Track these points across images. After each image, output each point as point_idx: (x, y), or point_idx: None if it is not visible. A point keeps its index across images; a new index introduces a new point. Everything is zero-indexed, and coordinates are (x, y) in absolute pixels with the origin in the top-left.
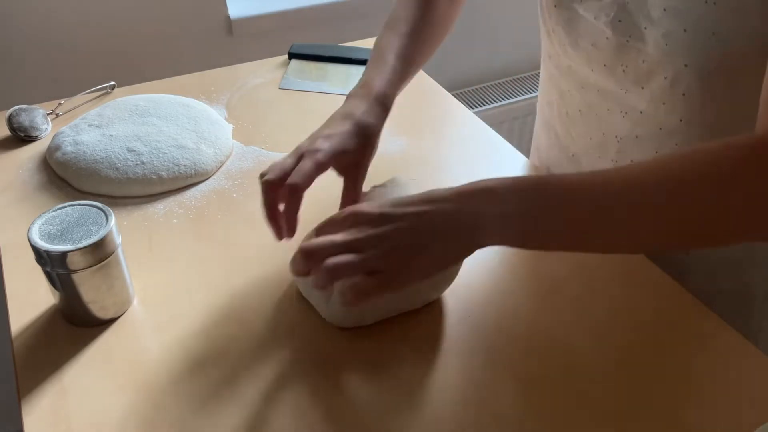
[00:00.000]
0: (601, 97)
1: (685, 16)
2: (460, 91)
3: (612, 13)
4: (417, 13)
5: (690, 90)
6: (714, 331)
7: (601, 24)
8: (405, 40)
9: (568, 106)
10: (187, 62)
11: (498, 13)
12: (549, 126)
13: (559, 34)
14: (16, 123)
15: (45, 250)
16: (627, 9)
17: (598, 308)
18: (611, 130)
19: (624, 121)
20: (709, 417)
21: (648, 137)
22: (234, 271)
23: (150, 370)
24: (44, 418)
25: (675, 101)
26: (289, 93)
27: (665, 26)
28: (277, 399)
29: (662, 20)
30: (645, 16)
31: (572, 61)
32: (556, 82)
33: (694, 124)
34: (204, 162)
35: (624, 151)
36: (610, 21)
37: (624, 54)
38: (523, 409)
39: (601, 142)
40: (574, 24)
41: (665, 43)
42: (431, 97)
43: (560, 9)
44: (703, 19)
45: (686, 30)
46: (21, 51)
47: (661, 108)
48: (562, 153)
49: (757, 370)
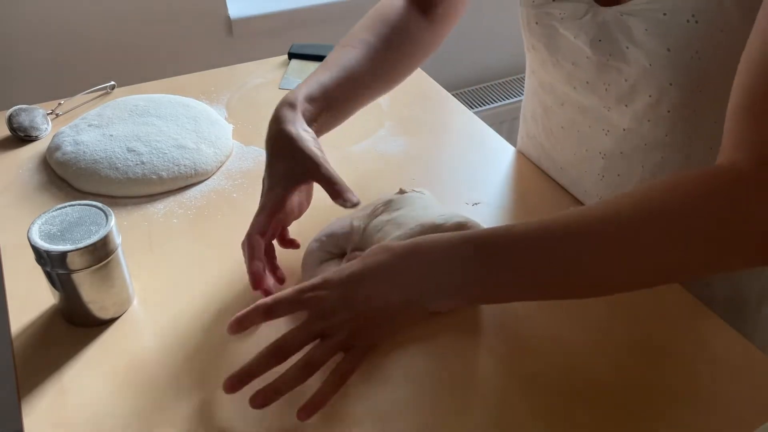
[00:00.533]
0: (582, 114)
1: (667, 36)
2: (460, 91)
3: (592, 32)
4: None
5: (675, 107)
6: (714, 331)
7: (580, 43)
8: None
9: (551, 122)
10: (187, 62)
11: (498, 13)
12: (535, 139)
13: (540, 51)
14: (16, 123)
15: (45, 250)
16: (607, 28)
17: (598, 308)
18: (594, 147)
19: (607, 139)
20: (709, 417)
21: (633, 153)
22: (234, 271)
23: (150, 370)
24: (44, 418)
25: (659, 118)
26: None
27: (647, 46)
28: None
29: (644, 41)
30: (626, 35)
31: (553, 78)
32: (540, 97)
33: (679, 137)
34: (204, 162)
35: (610, 167)
36: (590, 40)
37: (605, 73)
38: (524, 409)
39: (585, 157)
40: (555, 42)
41: (648, 63)
42: (431, 97)
43: (540, 26)
44: (685, 38)
45: (669, 49)
46: (21, 51)
47: (645, 125)
48: (550, 165)
49: (757, 370)
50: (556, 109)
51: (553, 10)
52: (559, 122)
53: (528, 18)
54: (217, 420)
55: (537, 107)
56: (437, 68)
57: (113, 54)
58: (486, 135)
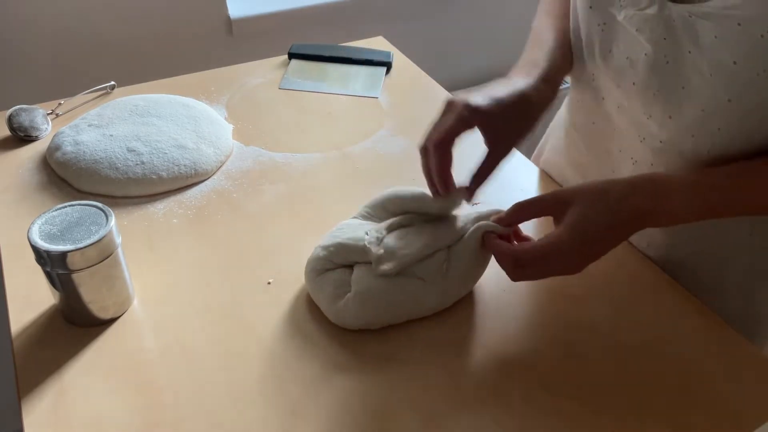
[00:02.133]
0: (620, 113)
1: (737, 49)
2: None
3: (658, 29)
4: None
5: (726, 125)
6: (715, 331)
7: (642, 38)
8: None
9: (586, 114)
10: (187, 62)
11: (498, 13)
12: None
13: (589, 38)
14: (16, 123)
15: (45, 250)
16: (673, 27)
17: (598, 308)
18: (628, 150)
19: (642, 146)
20: (709, 417)
21: (666, 166)
22: (234, 271)
23: (150, 370)
24: (44, 418)
25: (707, 135)
26: (289, 93)
27: (713, 55)
28: (277, 399)
29: (711, 48)
30: (692, 40)
31: (597, 69)
32: (577, 86)
33: (720, 156)
34: (204, 162)
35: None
36: (654, 37)
37: (659, 76)
38: (524, 409)
39: (617, 157)
40: (611, 31)
41: (710, 73)
42: (431, 97)
43: (595, 11)
44: (755, 53)
45: (736, 63)
46: (21, 51)
47: (688, 140)
48: (566, 161)
49: (757, 370)
50: (593, 103)
51: None
52: (593, 116)
53: (582, 1)
54: (218, 420)
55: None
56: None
57: (113, 54)
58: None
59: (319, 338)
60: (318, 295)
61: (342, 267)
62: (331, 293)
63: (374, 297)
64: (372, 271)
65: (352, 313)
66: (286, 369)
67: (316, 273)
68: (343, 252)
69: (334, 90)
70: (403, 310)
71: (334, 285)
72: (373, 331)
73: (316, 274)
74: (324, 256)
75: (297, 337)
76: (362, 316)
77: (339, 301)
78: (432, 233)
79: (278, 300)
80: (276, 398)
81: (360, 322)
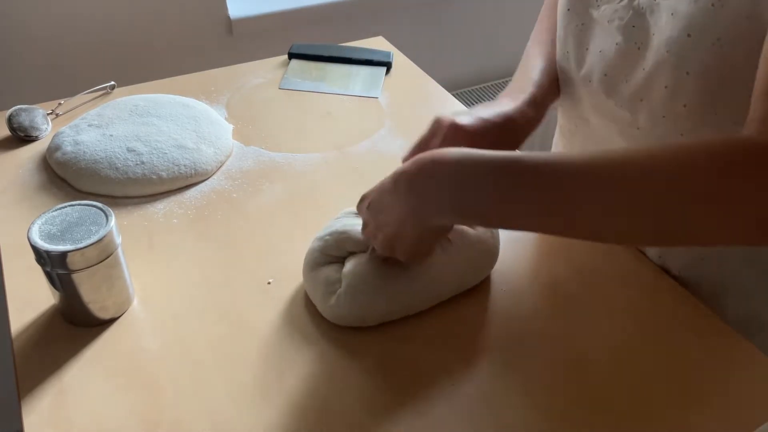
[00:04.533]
0: (594, 112)
1: (690, 21)
2: (460, 91)
3: (626, 17)
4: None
5: (691, 101)
6: (714, 331)
7: (613, 28)
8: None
9: (565, 118)
10: (187, 62)
11: (498, 13)
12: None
13: (566, 40)
14: (16, 123)
15: (45, 250)
16: (642, 13)
17: (598, 308)
18: (606, 146)
19: (620, 139)
20: (709, 417)
21: None
22: (234, 270)
23: (150, 370)
24: (44, 418)
25: (675, 114)
26: (289, 93)
27: (669, 31)
28: (277, 398)
29: (668, 25)
30: (655, 21)
31: (572, 72)
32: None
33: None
34: (204, 162)
35: None
36: (624, 25)
37: (629, 63)
38: (524, 408)
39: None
40: (586, 29)
41: (666, 49)
42: (431, 97)
43: (573, 13)
44: (708, 23)
45: (690, 35)
46: (21, 51)
47: (660, 122)
48: None
49: (757, 370)
50: (570, 106)
51: None
52: (573, 120)
53: (561, 5)
54: (217, 420)
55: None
56: (437, 68)
57: (113, 54)
58: None
59: (318, 338)
60: (312, 292)
61: (336, 262)
62: (324, 290)
63: (366, 289)
64: (364, 263)
65: (345, 307)
66: (286, 369)
67: (310, 267)
68: (340, 241)
69: (334, 90)
70: (396, 303)
71: (326, 281)
72: (372, 330)
73: (310, 269)
74: (319, 247)
75: (297, 337)
76: (355, 311)
77: (332, 297)
78: None
79: (278, 300)
80: (276, 398)
81: (353, 316)
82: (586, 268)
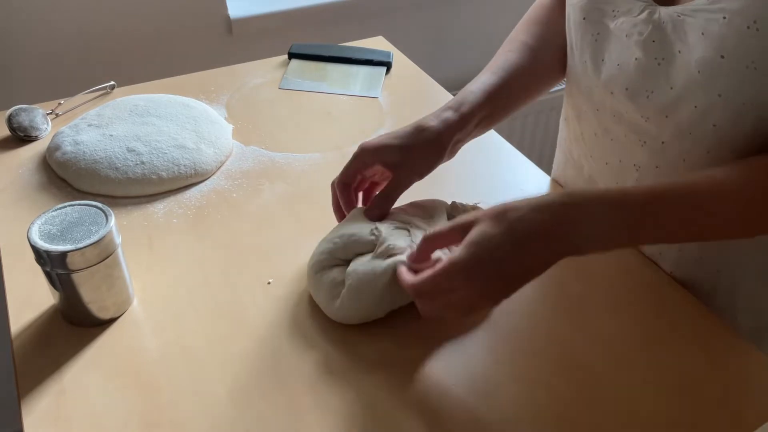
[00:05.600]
0: (617, 122)
1: (724, 43)
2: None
3: (646, 32)
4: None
5: (721, 122)
6: (714, 331)
7: (632, 43)
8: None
9: (584, 127)
10: (187, 62)
11: (498, 13)
12: (563, 143)
13: (582, 50)
14: (16, 123)
15: (45, 250)
16: (662, 29)
17: (598, 308)
18: (629, 158)
19: (643, 151)
20: (709, 417)
21: (670, 168)
22: (234, 271)
23: (150, 370)
24: (44, 418)
25: (704, 132)
26: (289, 93)
27: (701, 51)
28: (277, 399)
29: (698, 44)
30: (681, 38)
31: (591, 81)
32: (575, 100)
33: (722, 157)
34: (204, 162)
35: (644, 180)
36: (643, 40)
37: (651, 78)
38: (524, 408)
39: (618, 169)
40: (602, 40)
41: (698, 70)
42: (431, 97)
43: (588, 23)
44: (743, 46)
45: (723, 57)
46: (21, 51)
47: (687, 138)
48: (577, 173)
49: (757, 370)
50: (590, 115)
51: (605, 6)
52: (593, 129)
53: (575, 14)
54: (217, 420)
55: (570, 111)
56: (437, 68)
57: (113, 54)
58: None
59: (318, 337)
60: (317, 293)
61: (342, 265)
62: (328, 291)
63: (368, 285)
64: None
65: (349, 307)
66: (286, 368)
67: (315, 270)
68: (349, 244)
69: (334, 90)
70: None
71: (332, 284)
72: (372, 330)
73: (315, 271)
74: (327, 249)
75: (297, 337)
76: (360, 308)
77: (336, 299)
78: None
79: (278, 300)
80: (276, 398)
81: (358, 314)
82: (586, 267)
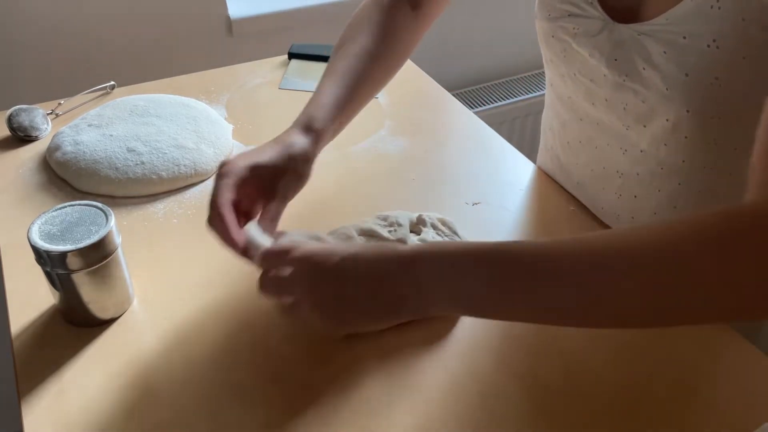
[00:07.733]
0: (600, 131)
1: (686, 61)
2: (460, 91)
3: (606, 50)
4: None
5: (692, 133)
6: (714, 332)
7: (595, 61)
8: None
9: (569, 135)
10: (187, 62)
11: (498, 13)
12: (552, 152)
13: (557, 65)
14: (16, 123)
15: (45, 250)
16: (623, 47)
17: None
18: (612, 165)
19: (624, 158)
20: (709, 417)
21: (649, 175)
22: (234, 270)
23: (150, 370)
24: (44, 418)
25: (677, 143)
26: (289, 93)
27: (665, 70)
28: (277, 398)
29: (662, 64)
30: (642, 57)
31: (572, 92)
32: (558, 111)
33: (697, 165)
34: (204, 162)
35: (627, 187)
36: (605, 59)
37: (623, 92)
38: (524, 409)
39: (603, 175)
40: (571, 57)
41: (665, 87)
42: (431, 97)
43: (557, 40)
44: (705, 63)
45: (687, 75)
46: (21, 51)
47: (662, 148)
48: (567, 179)
49: (757, 370)
50: (573, 124)
51: (567, 24)
52: (577, 137)
53: (544, 32)
54: (218, 420)
55: (554, 120)
56: (437, 68)
57: (113, 54)
58: (486, 135)
59: (318, 338)
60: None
61: None
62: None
63: None
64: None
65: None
66: (286, 369)
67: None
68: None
69: None
70: None
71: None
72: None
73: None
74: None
75: (297, 337)
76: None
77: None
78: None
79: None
80: (276, 398)
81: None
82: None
